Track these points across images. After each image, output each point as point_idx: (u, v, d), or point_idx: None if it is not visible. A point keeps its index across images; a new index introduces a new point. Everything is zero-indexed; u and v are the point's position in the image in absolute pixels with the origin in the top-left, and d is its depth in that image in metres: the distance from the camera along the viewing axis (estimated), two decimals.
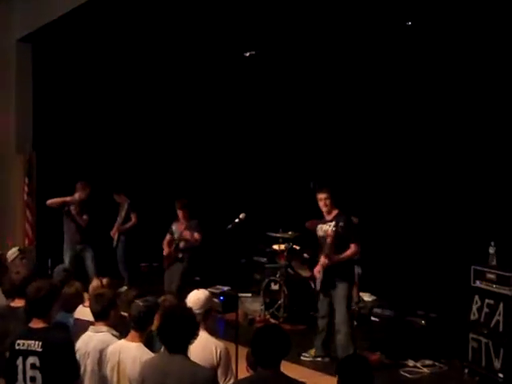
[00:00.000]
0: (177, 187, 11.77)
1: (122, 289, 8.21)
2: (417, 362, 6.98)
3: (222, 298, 9.07)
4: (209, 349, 4.53)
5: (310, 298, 8.52)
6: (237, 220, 6.60)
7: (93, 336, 4.56)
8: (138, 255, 11.18)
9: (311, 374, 6.65)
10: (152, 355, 4.22)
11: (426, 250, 10.25)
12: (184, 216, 8.79)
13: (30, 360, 4.05)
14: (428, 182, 10.43)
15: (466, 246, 9.51)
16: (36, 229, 10.83)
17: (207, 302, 4.74)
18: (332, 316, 7.01)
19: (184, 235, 8.65)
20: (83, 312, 5.20)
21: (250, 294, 10.00)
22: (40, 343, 4.07)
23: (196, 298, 4.74)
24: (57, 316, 4.94)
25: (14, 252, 7.91)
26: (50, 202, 9.42)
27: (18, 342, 4.11)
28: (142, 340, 4.42)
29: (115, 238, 10.53)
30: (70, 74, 11.38)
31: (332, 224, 6.94)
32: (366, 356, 5.29)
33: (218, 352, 4.53)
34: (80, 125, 11.60)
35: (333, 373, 3.60)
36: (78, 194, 9.47)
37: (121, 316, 4.89)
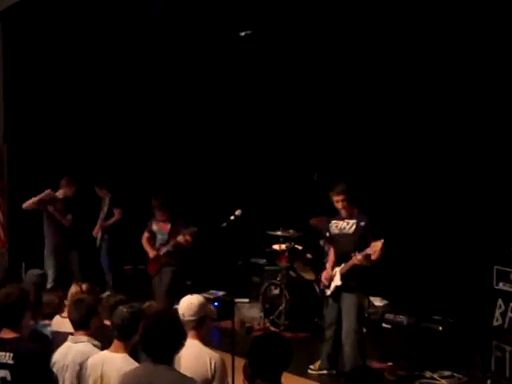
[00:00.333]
0: (166, 181, 11.73)
1: (105, 294, 8.16)
2: (434, 373, 6.96)
3: (216, 303, 9.03)
4: (203, 360, 4.50)
5: (314, 304, 8.49)
6: (232, 217, 6.58)
7: (72, 347, 4.53)
8: (121, 257, 11.13)
9: None
10: None
11: (443, 250, 10.23)
12: (164, 215, 8.63)
13: (1, 373, 4.01)
14: (445, 176, 10.42)
15: (487, 244, 9.50)
16: (8, 230, 10.75)
17: (201, 309, 4.70)
18: (340, 324, 6.97)
19: (179, 240, 8.49)
20: (62, 323, 5.15)
21: (247, 300, 9.97)
22: (11, 355, 4.03)
23: (189, 303, 4.69)
24: (36, 325, 4.92)
25: None
26: (26, 206, 9.31)
27: None
28: (127, 350, 4.38)
29: (98, 236, 10.47)
30: (44, 59, 11.24)
31: (351, 222, 6.99)
32: (376, 367, 5.25)
33: (213, 364, 4.49)
34: (56, 114, 11.52)
35: None
36: (62, 192, 9.43)
37: (103, 325, 4.85)
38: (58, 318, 5.37)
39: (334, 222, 7.15)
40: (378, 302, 9.52)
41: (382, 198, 10.68)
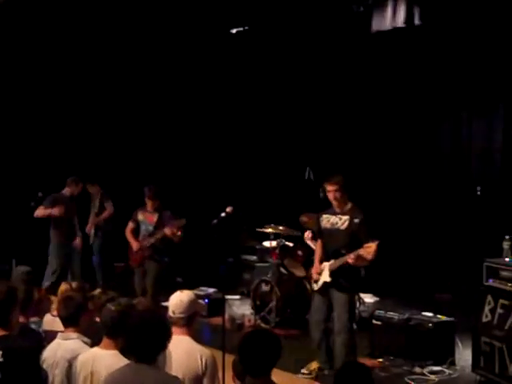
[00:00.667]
0: (157, 178, 11.68)
1: (96, 291, 8.13)
2: (424, 369, 6.97)
3: (206, 300, 9.04)
4: (193, 356, 4.49)
5: (305, 300, 8.49)
6: (223, 214, 6.55)
7: (61, 344, 4.50)
8: (112, 254, 11.09)
9: None
10: None
11: (433, 247, 10.27)
12: (154, 206, 8.48)
13: None
14: (435, 172, 10.46)
15: (477, 240, 9.55)
16: None
17: (191, 305, 4.68)
18: (328, 322, 6.87)
19: (166, 233, 8.33)
20: (52, 322, 5.13)
21: (238, 297, 9.99)
22: (0, 352, 4.00)
23: (179, 300, 4.67)
24: (28, 322, 4.90)
25: None
26: (37, 215, 9.46)
27: None
28: (117, 348, 4.36)
29: (91, 233, 10.41)
30: (34, 51, 11.15)
31: (344, 218, 6.77)
32: (367, 364, 5.25)
33: (204, 360, 4.48)
34: (43, 111, 11.43)
35: None
36: (68, 190, 9.57)
37: (93, 322, 4.83)
38: (48, 316, 5.34)
39: (325, 216, 6.94)
40: (368, 298, 9.56)
41: (374, 194, 10.70)
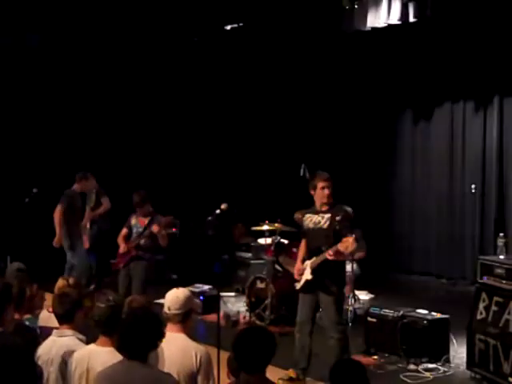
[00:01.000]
0: (152, 175, 11.69)
1: (92, 287, 8.15)
2: (419, 366, 6.99)
3: (201, 297, 9.03)
4: (188, 353, 4.49)
5: None
6: (218, 211, 6.53)
7: (56, 341, 4.50)
8: (108, 251, 11.07)
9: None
10: None
11: (426, 244, 10.30)
12: (146, 211, 8.47)
13: None
14: (429, 169, 10.48)
15: (471, 237, 9.57)
16: None
17: (187, 302, 4.68)
18: (313, 323, 6.75)
19: (153, 230, 8.34)
20: (49, 318, 5.12)
21: (233, 294, 9.98)
22: None
23: (174, 297, 4.67)
24: (22, 319, 4.88)
25: None
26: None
27: None
28: (113, 344, 4.36)
29: (87, 228, 10.38)
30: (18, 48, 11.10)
31: (326, 216, 6.68)
32: (361, 361, 5.26)
33: (199, 357, 4.48)
34: (40, 107, 11.43)
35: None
36: (78, 186, 9.70)
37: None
38: (45, 312, 5.33)
39: (308, 215, 6.85)
40: (363, 295, 9.57)
41: (369, 191, 10.72)
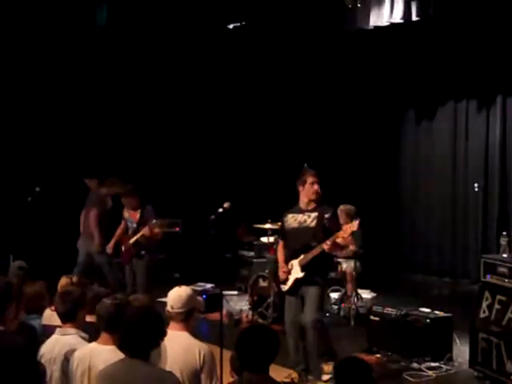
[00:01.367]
0: (155, 174, 11.69)
1: (94, 286, 8.12)
2: (421, 365, 6.98)
3: (204, 296, 9.02)
4: (191, 351, 4.48)
5: None
6: (220, 210, 6.51)
7: (59, 339, 4.50)
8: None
9: None
10: None
11: (429, 242, 10.28)
12: (134, 204, 8.51)
13: None
14: (433, 168, 10.47)
15: (474, 236, 9.55)
16: None
17: (190, 301, 4.68)
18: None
19: (144, 233, 8.38)
20: (52, 316, 5.11)
21: (235, 292, 9.98)
22: None
23: (177, 295, 4.67)
24: (26, 317, 4.88)
25: None
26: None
27: None
28: (115, 343, 4.35)
29: None
30: (17, 46, 11.06)
31: (313, 215, 6.59)
32: (364, 359, 5.25)
33: (202, 355, 4.47)
34: (42, 107, 11.40)
35: None
36: (105, 190, 9.52)
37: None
38: (48, 311, 5.33)
39: (290, 215, 6.76)
40: (366, 294, 9.56)
41: (371, 190, 10.71)
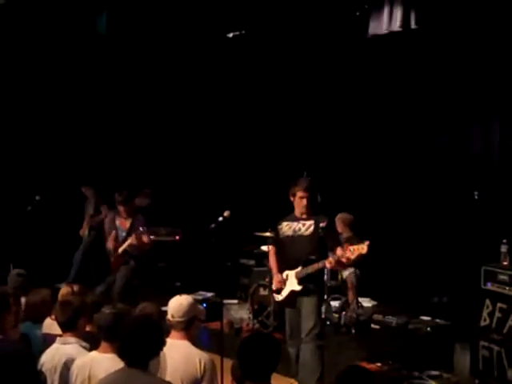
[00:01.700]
0: (155, 183, 11.68)
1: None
2: (422, 373, 6.96)
3: (205, 305, 8.99)
4: (192, 361, 4.48)
5: None
6: (221, 218, 6.51)
7: (60, 348, 4.50)
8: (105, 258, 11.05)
9: None
10: None
11: (431, 250, 10.26)
12: (126, 211, 8.50)
13: None
14: (431, 174, 10.46)
15: (475, 244, 9.52)
16: None
17: (191, 310, 4.68)
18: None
19: (131, 242, 8.39)
20: (52, 325, 5.11)
21: (236, 301, 9.95)
22: None
23: (178, 304, 4.67)
24: (21, 327, 4.87)
25: None
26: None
27: None
28: (115, 351, 4.34)
29: (85, 234, 10.34)
30: (17, 52, 11.05)
31: (308, 223, 6.54)
32: (366, 367, 5.24)
33: (203, 364, 4.48)
34: (40, 113, 11.39)
35: None
36: (137, 200, 9.41)
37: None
38: (48, 320, 5.32)
39: (285, 223, 6.70)
40: (366, 302, 9.54)
41: (371, 197, 10.69)
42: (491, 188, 9.50)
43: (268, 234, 9.15)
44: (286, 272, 6.60)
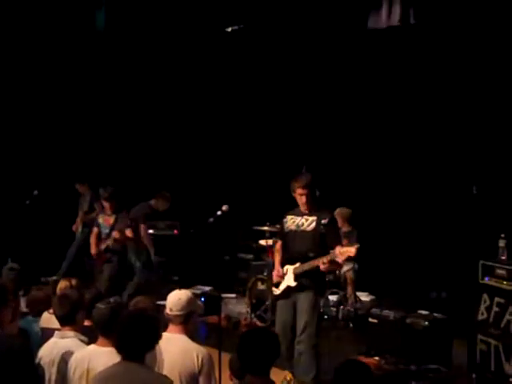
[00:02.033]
0: (152, 177, 11.67)
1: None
2: (420, 367, 6.96)
3: (203, 299, 8.99)
4: (190, 355, 4.48)
5: None
6: (219, 212, 6.51)
7: (58, 342, 4.49)
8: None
9: None
10: None
11: (429, 244, 10.26)
12: (111, 208, 8.54)
13: None
14: (430, 169, 10.45)
15: (473, 238, 9.53)
16: None
17: (189, 304, 4.67)
18: (295, 330, 6.43)
19: (114, 236, 8.43)
20: (50, 319, 5.11)
21: (234, 295, 9.96)
22: None
23: (177, 298, 4.67)
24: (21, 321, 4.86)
25: None
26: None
27: None
28: (113, 345, 4.35)
29: (78, 230, 10.32)
30: (17, 49, 11.05)
31: (311, 219, 6.48)
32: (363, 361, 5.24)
33: (200, 358, 4.47)
34: (36, 110, 11.37)
35: None
36: (154, 202, 9.50)
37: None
38: (46, 314, 5.32)
39: (289, 217, 6.64)
40: (364, 296, 9.55)
41: (369, 192, 10.69)
42: (490, 182, 9.49)
43: (266, 228, 9.18)
44: (287, 267, 6.58)
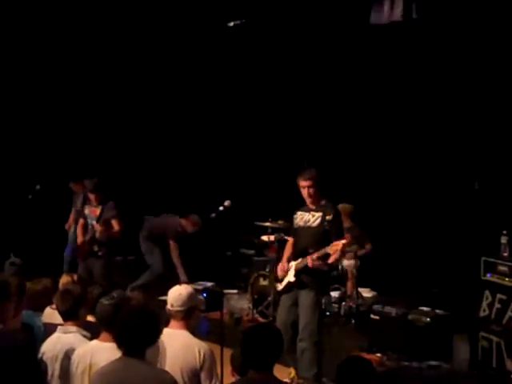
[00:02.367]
0: (155, 172, 11.68)
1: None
2: (421, 364, 6.97)
3: (205, 294, 9.01)
4: (191, 350, 4.49)
5: None
6: (221, 208, 6.51)
7: (61, 337, 4.51)
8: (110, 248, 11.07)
9: None
10: None
11: (431, 241, 10.27)
12: (96, 199, 8.52)
13: None
14: (431, 165, 10.46)
15: (475, 235, 9.54)
16: None
17: (190, 299, 4.69)
18: (296, 328, 6.42)
19: (96, 229, 8.43)
20: (52, 315, 5.12)
21: (236, 291, 9.97)
22: None
23: (178, 293, 4.68)
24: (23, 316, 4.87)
25: None
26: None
27: None
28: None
29: (71, 230, 10.30)
30: (17, 45, 11.03)
31: (317, 215, 6.49)
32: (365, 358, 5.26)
33: (202, 354, 4.48)
34: (32, 108, 11.36)
35: None
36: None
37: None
38: (48, 309, 5.34)
39: (299, 213, 6.64)
40: (366, 293, 9.55)
41: (371, 188, 10.69)
42: (492, 178, 9.50)
43: (268, 224, 9.18)
44: (292, 262, 6.59)
